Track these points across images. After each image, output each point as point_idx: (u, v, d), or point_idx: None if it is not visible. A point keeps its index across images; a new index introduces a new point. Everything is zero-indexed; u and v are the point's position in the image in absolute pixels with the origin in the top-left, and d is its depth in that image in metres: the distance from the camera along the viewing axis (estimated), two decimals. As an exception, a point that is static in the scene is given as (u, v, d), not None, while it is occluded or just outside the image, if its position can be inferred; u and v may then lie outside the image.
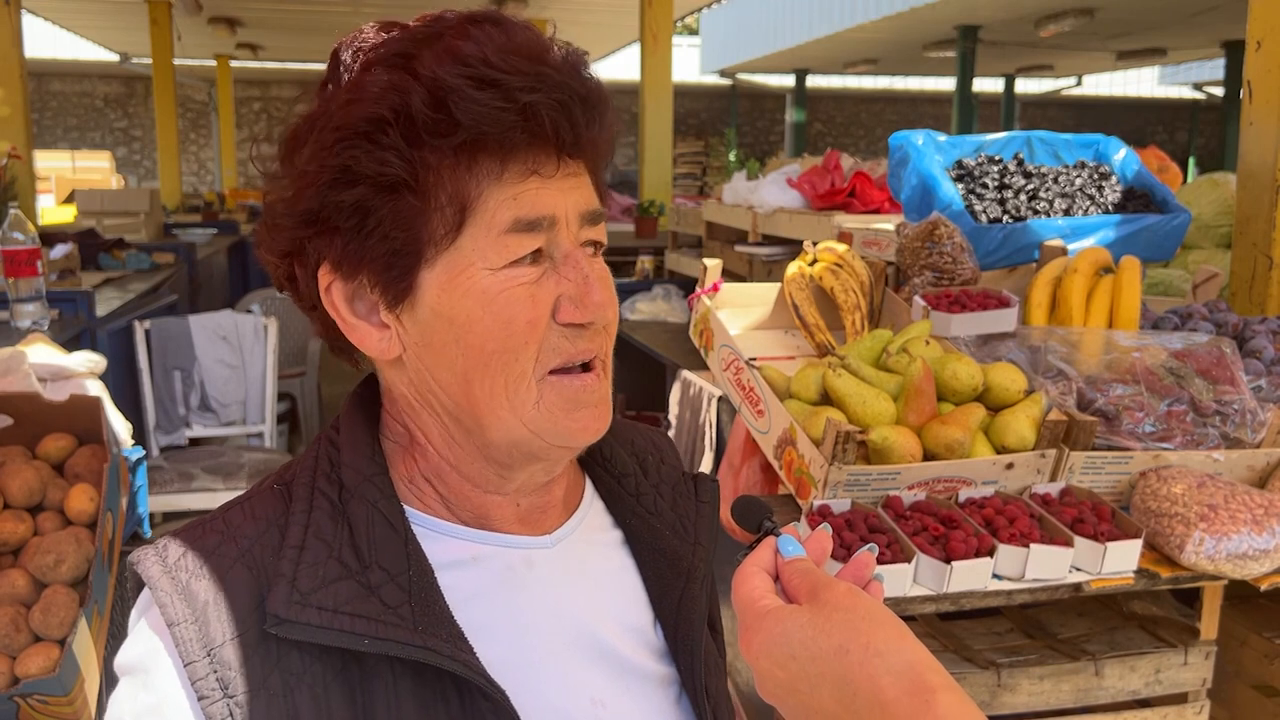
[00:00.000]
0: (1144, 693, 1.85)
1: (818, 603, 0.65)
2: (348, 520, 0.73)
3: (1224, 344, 1.92)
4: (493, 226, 0.71)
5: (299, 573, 0.70)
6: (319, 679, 0.69)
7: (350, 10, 11.12)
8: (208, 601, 0.69)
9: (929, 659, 0.61)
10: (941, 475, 1.70)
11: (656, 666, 0.82)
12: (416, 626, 0.69)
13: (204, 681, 0.67)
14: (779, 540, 0.72)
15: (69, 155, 15.75)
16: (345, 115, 0.70)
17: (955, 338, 2.00)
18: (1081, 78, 18.65)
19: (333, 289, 0.74)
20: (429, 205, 0.70)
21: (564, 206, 0.73)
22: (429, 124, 0.68)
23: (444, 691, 0.70)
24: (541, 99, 0.69)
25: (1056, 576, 1.60)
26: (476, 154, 0.70)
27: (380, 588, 0.70)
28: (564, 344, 0.73)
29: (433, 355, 0.73)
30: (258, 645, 0.69)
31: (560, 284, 0.73)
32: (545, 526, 0.82)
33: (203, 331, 4.04)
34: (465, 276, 0.71)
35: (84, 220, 6.27)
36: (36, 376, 2.08)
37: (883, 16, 11.66)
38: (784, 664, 0.63)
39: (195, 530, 0.74)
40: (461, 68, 0.68)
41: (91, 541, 1.86)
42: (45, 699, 1.67)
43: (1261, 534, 1.63)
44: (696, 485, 0.93)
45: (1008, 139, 2.69)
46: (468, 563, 0.77)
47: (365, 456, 0.77)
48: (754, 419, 1.93)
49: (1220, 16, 11.16)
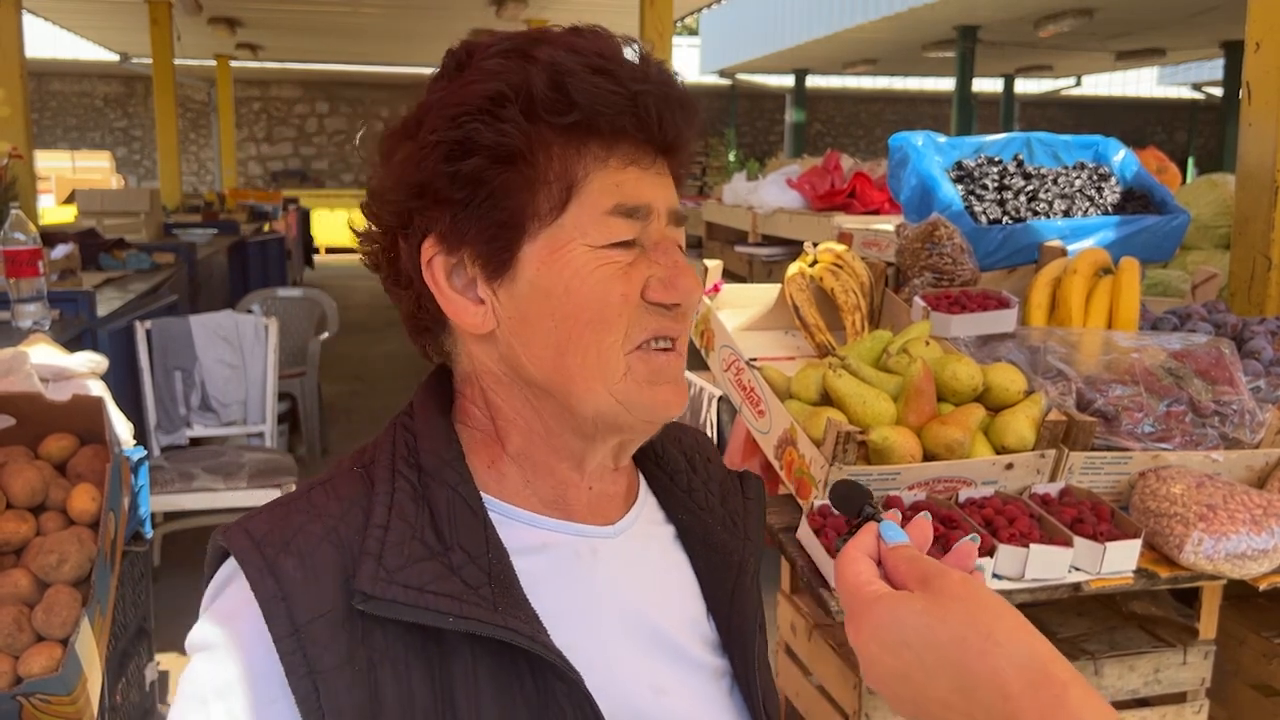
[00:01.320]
0: (1143, 692, 1.85)
1: (931, 590, 0.64)
2: (428, 502, 0.75)
3: (1223, 345, 1.93)
4: (597, 207, 0.75)
5: (385, 551, 0.71)
6: (401, 657, 0.70)
7: (349, 11, 11.12)
8: (296, 578, 0.71)
9: (1052, 651, 0.60)
10: (941, 475, 1.71)
11: (710, 658, 0.85)
12: (497, 607, 0.71)
13: (292, 658, 0.68)
14: (881, 526, 0.71)
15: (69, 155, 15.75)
16: (466, 93, 0.75)
17: (955, 338, 2.01)
18: (1081, 78, 18.66)
19: (435, 262, 0.77)
20: (538, 179, 0.74)
21: (659, 199, 0.78)
22: (547, 102, 0.73)
23: (520, 672, 0.72)
24: (650, 90, 0.75)
25: (1056, 576, 1.60)
26: (586, 137, 0.75)
27: (462, 568, 0.72)
28: (650, 321, 0.77)
29: (527, 328, 0.76)
30: (344, 622, 0.70)
31: (651, 267, 0.77)
32: (609, 517, 0.84)
33: (203, 331, 4.04)
34: (566, 251, 0.75)
35: (84, 220, 6.27)
36: (38, 377, 2.09)
37: (882, 17, 11.67)
38: (896, 651, 0.62)
39: (280, 508, 0.76)
40: (578, 56, 0.74)
41: (94, 541, 1.86)
42: (48, 698, 1.68)
43: (1260, 534, 1.63)
44: (743, 483, 0.96)
45: (1007, 140, 2.70)
46: (539, 549, 0.79)
47: (443, 441, 0.79)
48: (754, 419, 1.93)
49: (1219, 17, 11.16)
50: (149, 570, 2.68)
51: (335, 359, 8.07)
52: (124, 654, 2.40)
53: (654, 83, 0.75)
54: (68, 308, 3.38)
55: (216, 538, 0.74)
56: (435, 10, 10.84)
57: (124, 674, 2.36)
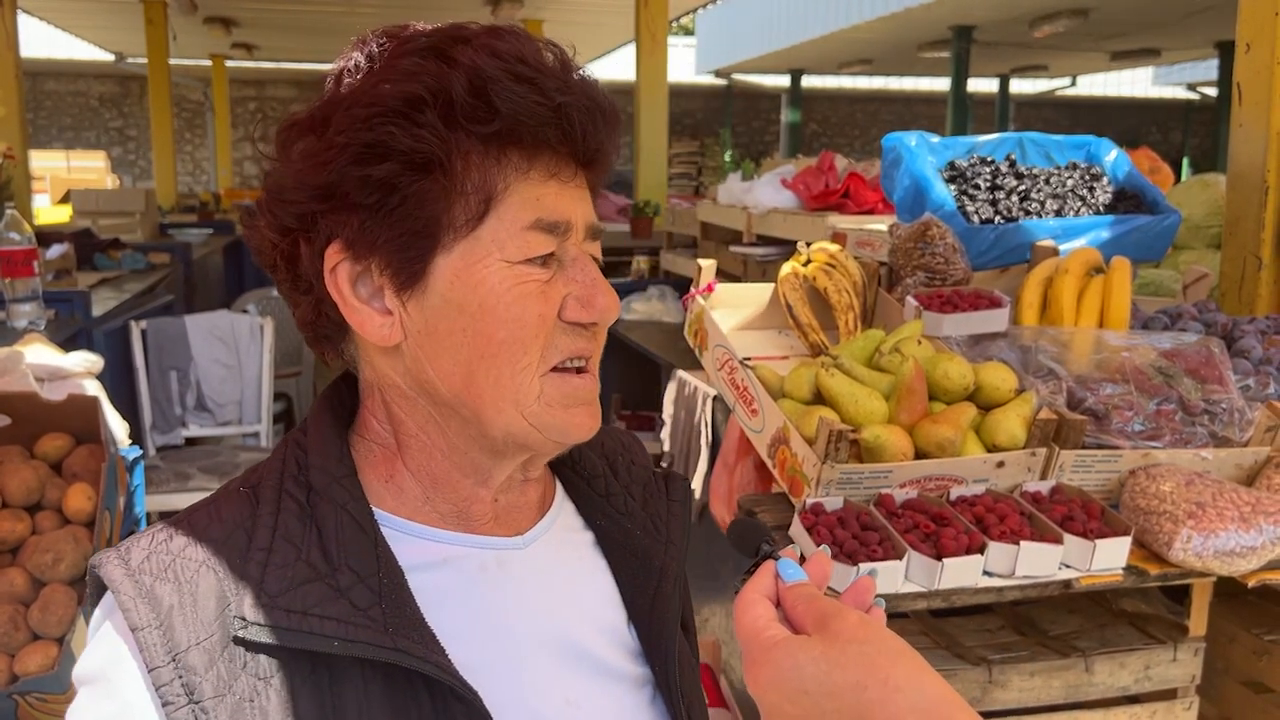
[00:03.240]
0: (1134, 689, 1.87)
1: (828, 633, 0.62)
2: (315, 522, 0.73)
3: (1213, 344, 1.94)
4: (516, 221, 0.72)
5: (266, 575, 0.69)
6: (287, 682, 0.68)
7: (345, 10, 11.12)
8: (173, 605, 0.68)
9: (952, 694, 0.59)
10: (933, 473, 1.72)
11: (630, 666, 0.82)
12: (388, 628, 0.69)
13: (168, 687, 0.66)
14: (779, 564, 0.69)
15: (64, 155, 15.72)
16: (379, 93, 0.70)
17: (947, 337, 2.02)
18: (1076, 78, 18.68)
19: (339, 269, 0.74)
20: (455, 189, 0.71)
21: (577, 214, 0.76)
22: (467, 109, 0.70)
23: (416, 694, 0.70)
24: (573, 102, 0.72)
25: (1046, 573, 1.61)
26: (506, 147, 0.72)
27: (350, 590, 0.70)
28: (566, 342, 0.75)
29: (435, 343, 0.73)
30: (224, 649, 0.68)
31: (568, 284, 0.75)
32: (518, 527, 0.82)
33: (199, 331, 4.05)
34: (482, 266, 0.72)
35: (80, 220, 6.27)
36: (34, 376, 2.09)
37: (877, 17, 11.68)
38: (795, 699, 0.61)
39: (159, 533, 0.73)
40: (499, 61, 0.70)
41: (89, 540, 1.87)
42: (43, 696, 1.68)
43: (1248, 531, 1.65)
44: (668, 484, 0.92)
45: (1000, 140, 2.71)
46: (439, 564, 0.77)
47: (334, 458, 0.76)
48: (748, 418, 1.94)
49: (1214, 17, 11.19)
50: (144, 569, 2.69)
51: (331, 359, 8.03)
52: (119, 653, 2.40)
53: (577, 93, 0.72)
54: (63, 308, 3.39)
55: (91, 566, 0.72)
56: (430, 10, 10.83)
57: (119, 673, 2.36)
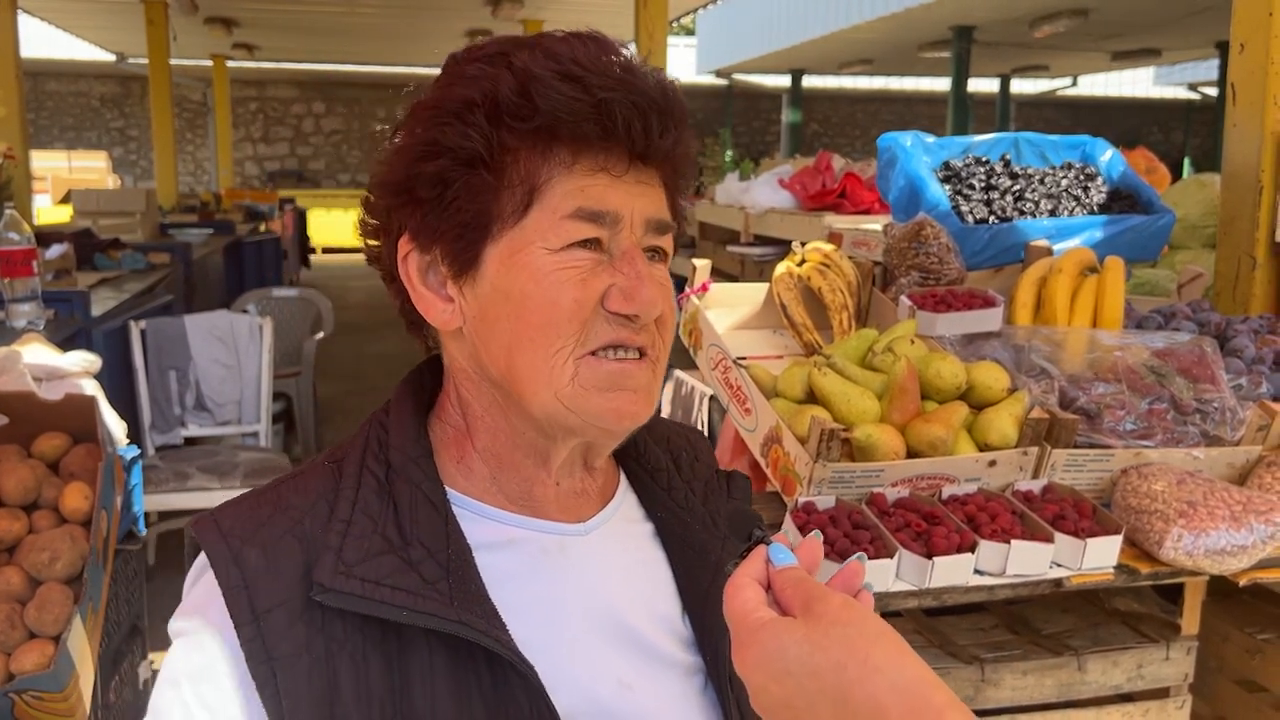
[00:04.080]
0: (1126, 687, 1.87)
1: (812, 616, 0.63)
2: (392, 498, 0.78)
3: (1205, 343, 1.94)
4: (557, 210, 0.76)
5: (345, 545, 0.74)
6: (359, 648, 0.72)
7: (345, 10, 11.13)
8: (259, 568, 0.73)
9: (931, 675, 0.60)
10: (924, 472, 1.72)
11: (683, 655, 0.85)
12: (453, 602, 0.73)
13: (251, 645, 0.71)
14: (770, 549, 0.70)
15: (65, 155, 15.76)
16: (444, 95, 0.77)
17: (940, 337, 2.02)
18: (1077, 78, 18.68)
19: (409, 259, 0.80)
20: (501, 183, 0.76)
21: (630, 207, 0.78)
22: (511, 107, 0.74)
23: (477, 666, 0.74)
24: (617, 98, 0.74)
25: (1037, 572, 1.62)
26: (551, 142, 0.76)
27: (420, 563, 0.74)
28: (606, 330, 0.77)
29: (487, 327, 0.78)
30: (303, 612, 0.72)
31: (614, 276, 0.77)
32: (581, 515, 0.86)
33: (198, 331, 4.05)
34: (525, 254, 0.76)
35: (80, 220, 6.28)
36: (31, 376, 2.10)
37: (877, 17, 11.68)
38: (779, 679, 0.62)
39: (249, 501, 0.79)
40: (551, 63, 0.75)
41: (86, 539, 1.88)
42: (40, 695, 1.69)
43: (1239, 530, 1.65)
44: (729, 482, 0.97)
45: (995, 140, 2.71)
46: (504, 545, 0.81)
47: (411, 439, 0.81)
48: (741, 417, 1.95)
49: (1214, 17, 11.18)
50: (143, 569, 2.69)
51: (330, 359, 8.07)
52: (117, 652, 2.41)
53: (625, 89, 0.75)
54: (62, 307, 3.39)
55: (189, 529, 0.77)
56: (431, 10, 10.84)
57: (117, 672, 2.37)
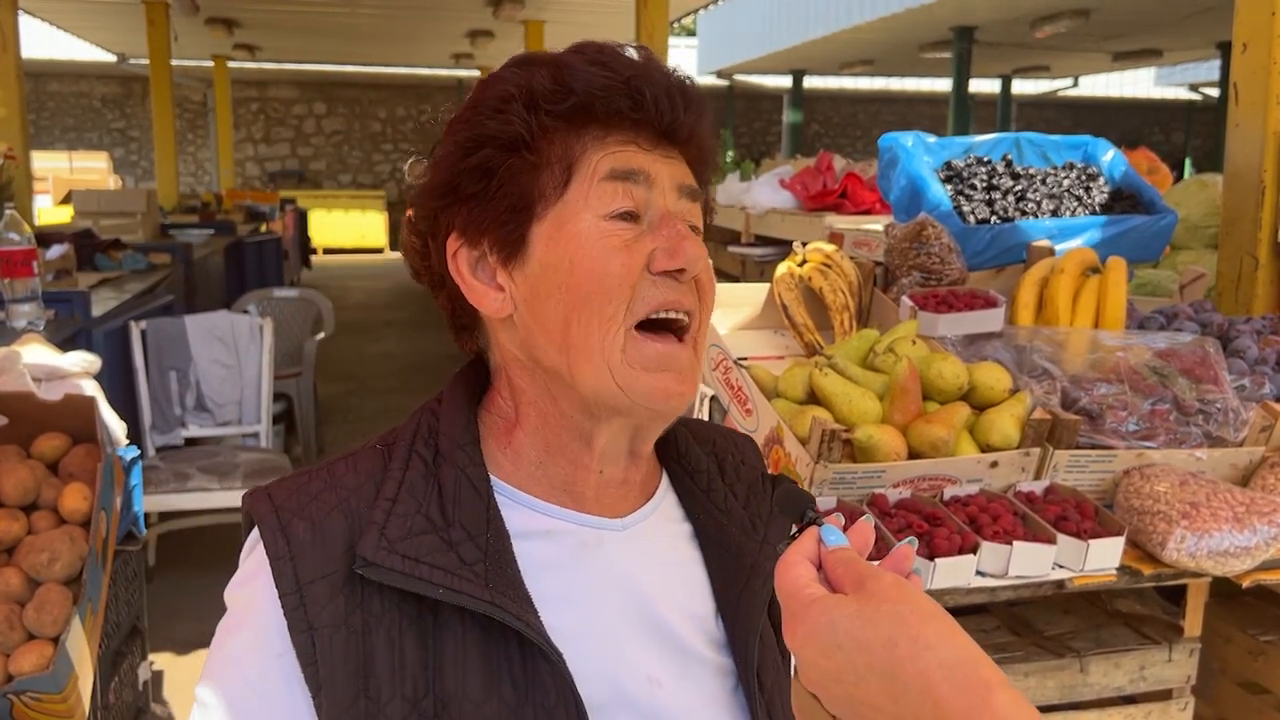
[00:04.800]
0: (1129, 689, 1.87)
1: (864, 593, 0.64)
2: (438, 481, 0.80)
3: (1208, 344, 1.94)
4: (595, 174, 0.80)
5: (389, 522, 0.77)
6: (396, 623, 0.75)
7: (346, 11, 11.13)
8: (305, 540, 0.76)
9: (981, 654, 0.60)
10: (926, 473, 1.72)
11: (714, 656, 0.86)
12: (488, 584, 0.75)
13: (295, 613, 0.74)
14: (822, 530, 0.71)
15: (66, 156, 15.76)
16: (478, 96, 0.82)
17: (942, 337, 2.02)
18: (1078, 79, 18.65)
19: (459, 256, 0.83)
20: (541, 163, 0.80)
21: (661, 172, 0.82)
22: (546, 94, 0.79)
23: (508, 648, 0.76)
24: (643, 75, 0.80)
25: (1039, 573, 1.61)
26: (586, 122, 0.80)
27: (459, 545, 0.77)
28: (655, 293, 0.80)
29: (539, 306, 0.80)
30: (344, 585, 0.75)
31: (655, 240, 0.80)
32: (620, 510, 0.87)
33: (199, 332, 4.05)
34: (571, 224, 0.79)
35: (81, 221, 6.27)
36: (31, 376, 2.09)
37: (878, 17, 11.67)
38: (829, 653, 0.63)
39: (302, 477, 0.82)
40: (580, 55, 0.81)
41: (85, 540, 1.87)
42: (38, 696, 1.69)
43: (1243, 531, 1.64)
44: (774, 487, 0.96)
45: (996, 140, 2.71)
46: (543, 535, 0.83)
47: (461, 426, 0.84)
48: (742, 418, 1.95)
49: (1215, 18, 11.16)
50: (142, 570, 2.69)
51: (331, 359, 8.07)
52: (117, 653, 2.41)
53: (650, 71, 0.80)
54: (62, 308, 3.38)
55: (245, 499, 0.81)
56: (432, 11, 10.84)
57: (117, 673, 2.37)
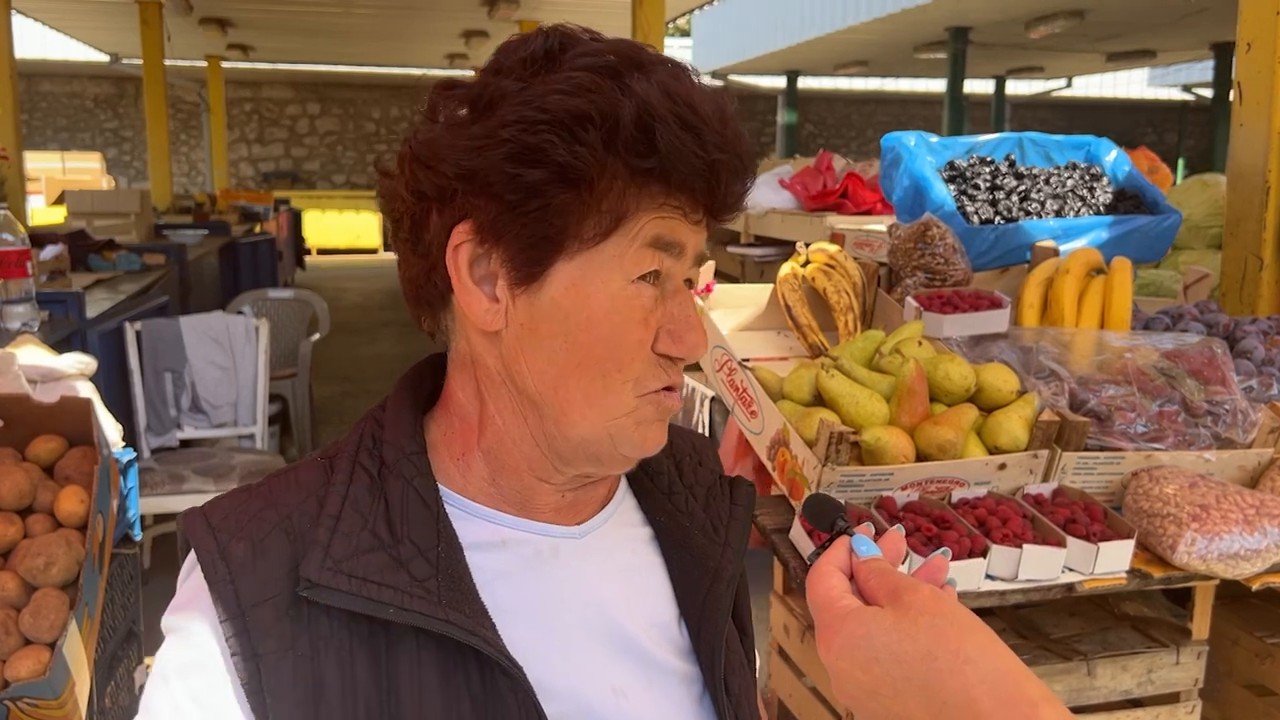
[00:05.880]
0: (1136, 692, 1.85)
1: (901, 605, 0.62)
2: (384, 495, 0.77)
3: (1215, 344, 1.93)
4: (639, 238, 0.75)
5: (333, 541, 0.73)
6: (346, 644, 0.72)
7: (341, 11, 11.10)
8: (245, 563, 0.73)
9: (1023, 668, 0.59)
10: (934, 476, 1.70)
11: (679, 663, 0.84)
12: (441, 600, 0.72)
13: (236, 639, 0.71)
14: (853, 540, 0.70)
15: (59, 156, 15.69)
16: (551, 101, 0.72)
17: (947, 338, 2.00)
18: (1071, 79, 18.70)
19: (462, 248, 0.76)
20: (593, 207, 0.74)
21: (691, 242, 0.79)
22: (629, 140, 0.72)
23: (465, 665, 0.73)
24: (725, 160, 0.74)
25: (1049, 577, 1.60)
26: (651, 181, 0.74)
27: (409, 561, 0.73)
28: (654, 374, 0.78)
29: (535, 340, 0.76)
30: (289, 608, 0.72)
31: (665, 314, 0.78)
32: (576, 518, 0.84)
33: (194, 333, 4.02)
34: (598, 278, 0.75)
35: (74, 221, 6.24)
36: (26, 378, 2.07)
37: (873, 18, 11.69)
38: (866, 667, 0.62)
39: (240, 495, 0.78)
40: (671, 102, 0.72)
41: (82, 544, 1.85)
42: (35, 702, 1.66)
43: (1253, 534, 1.63)
44: (733, 488, 0.95)
45: (999, 140, 2.70)
46: (496, 545, 0.80)
47: (406, 435, 0.80)
48: (747, 420, 1.93)
49: (1209, 19, 11.21)
50: (138, 573, 2.66)
51: (326, 360, 8.05)
52: (113, 657, 2.38)
53: (730, 151, 0.75)
54: (57, 309, 3.36)
55: (180, 521, 0.77)
56: (427, 11, 10.81)
57: (113, 677, 2.34)
